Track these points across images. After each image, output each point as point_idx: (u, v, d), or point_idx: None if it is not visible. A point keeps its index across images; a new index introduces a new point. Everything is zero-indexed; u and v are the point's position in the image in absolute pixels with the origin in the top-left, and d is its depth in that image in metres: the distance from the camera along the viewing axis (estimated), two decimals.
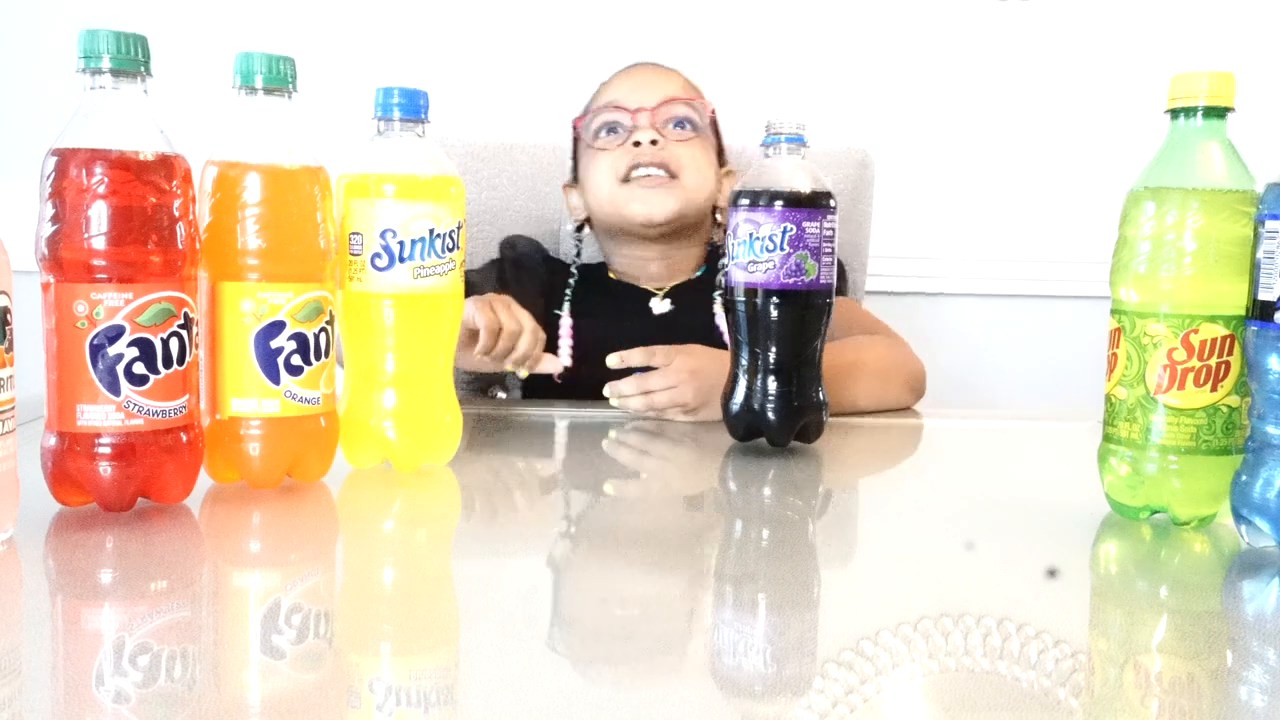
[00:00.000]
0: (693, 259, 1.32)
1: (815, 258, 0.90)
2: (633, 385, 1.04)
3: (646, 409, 1.04)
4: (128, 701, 0.44)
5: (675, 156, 1.24)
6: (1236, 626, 0.58)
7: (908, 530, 0.75)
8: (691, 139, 1.26)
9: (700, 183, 1.26)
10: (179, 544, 0.65)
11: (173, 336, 0.66)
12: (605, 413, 1.07)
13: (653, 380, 1.04)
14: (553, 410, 1.12)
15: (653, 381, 1.04)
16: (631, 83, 1.29)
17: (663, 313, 1.27)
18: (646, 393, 1.04)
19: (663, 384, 1.04)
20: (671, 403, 1.04)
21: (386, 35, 1.75)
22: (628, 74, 1.31)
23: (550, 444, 1.01)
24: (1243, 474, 0.66)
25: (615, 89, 1.29)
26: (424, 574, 0.66)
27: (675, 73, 1.31)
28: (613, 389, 1.05)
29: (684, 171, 1.25)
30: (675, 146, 1.25)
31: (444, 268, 0.79)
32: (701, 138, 1.28)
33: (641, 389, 1.04)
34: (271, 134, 0.73)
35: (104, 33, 0.65)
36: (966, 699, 0.47)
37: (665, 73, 1.31)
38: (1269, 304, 0.63)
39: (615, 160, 1.25)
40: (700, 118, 1.28)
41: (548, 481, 0.92)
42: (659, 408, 1.04)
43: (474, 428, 1.01)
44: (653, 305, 1.28)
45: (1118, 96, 1.77)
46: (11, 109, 1.71)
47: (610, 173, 1.25)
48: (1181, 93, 0.69)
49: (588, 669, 0.51)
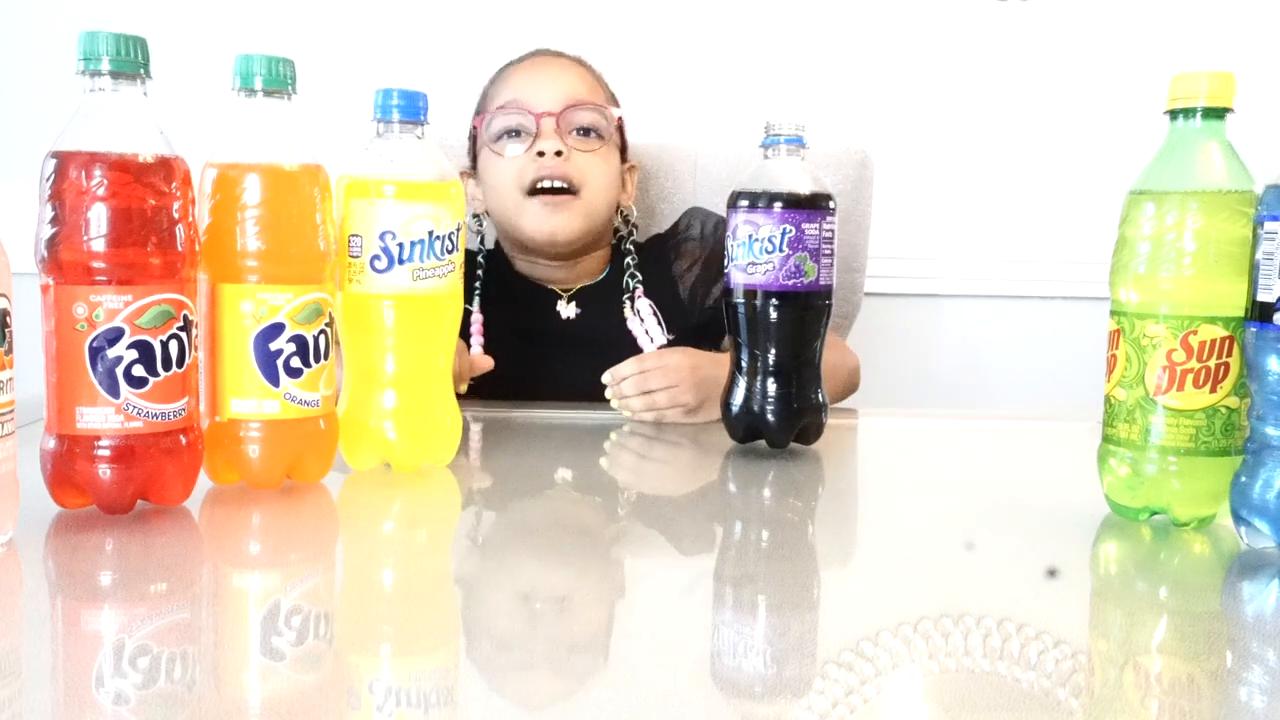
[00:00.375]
0: (598, 261, 1.30)
1: (815, 259, 0.90)
2: (633, 385, 1.05)
3: (647, 409, 1.04)
4: (128, 703, 0.44)
5: (579, 169, 1.21)
6: (1236, 627, 0.58)
7: (907, 531, 0.75)
8: (596, 148, 1.23)
9: (603, 195, 1.23)
10: (179, 546, 0.65)
11: (172, 339, 0.66)
12: (605, 414, 1.07)
13: (653, 379, 1.04)
14: (553, 412, 1.12)
15: (653, 380, 1.04)
16: (533, 79, 1.24)
17: (570, 316, 1.25)
18: (647, 393, 1.04)
19: (662, 383, 1.04)
20: (672, 402, 1.04)
21: (386, 36, 1.75)
22: (528, 67, 1.26)
23: (550, 445, 1.01)
24: (1242, 475, 0.66)
25: (516, 84, 1.24)
26: (424, 574, 0.66)
27: (577, 64, 1.27)
28: (614, 390, 1.05)
29: (587, 186, 1.21)
30: (579, 158, 1.21)
31: (443, 269, 0.79)
32: (606, 144, 1.24)
33: (641, 388, 1.04)
34: (271, 136, 0.73)
35: (104, 34, 0.65)
36: (966, 699, 0.47)
37: (567, 65, 1.27)
38: (1268, 305, 0.63)
39: (519, 170, 1.20)
40: (606, 122, 1.24)
41: (547, 483, 0.92)
42: (659, 408, 1.04)
43: (473, 428, 1.02)
44: (560, 309, 1.26)
45: (1118, 96, 1.77)
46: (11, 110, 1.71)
47: (513, 182, 1.21)
48: (1181, 93, 0.69)
49: (587, 669, 0.51)
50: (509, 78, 1.26)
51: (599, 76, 1.29)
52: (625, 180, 1.29)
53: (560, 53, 1.29)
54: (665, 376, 1.04)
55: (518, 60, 1.29)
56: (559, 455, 0.98)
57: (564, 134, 1.21)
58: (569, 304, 1.26)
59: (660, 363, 1.06)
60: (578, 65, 1.27)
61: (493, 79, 1.29)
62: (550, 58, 1.28)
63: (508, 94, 1.24)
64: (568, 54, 1.29)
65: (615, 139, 1.27)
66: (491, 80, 1.29)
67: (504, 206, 1.23)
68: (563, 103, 1.21)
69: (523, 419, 1.08)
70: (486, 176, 1.26)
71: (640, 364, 1.06)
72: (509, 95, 1.24)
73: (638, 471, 0.94)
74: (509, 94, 1.24)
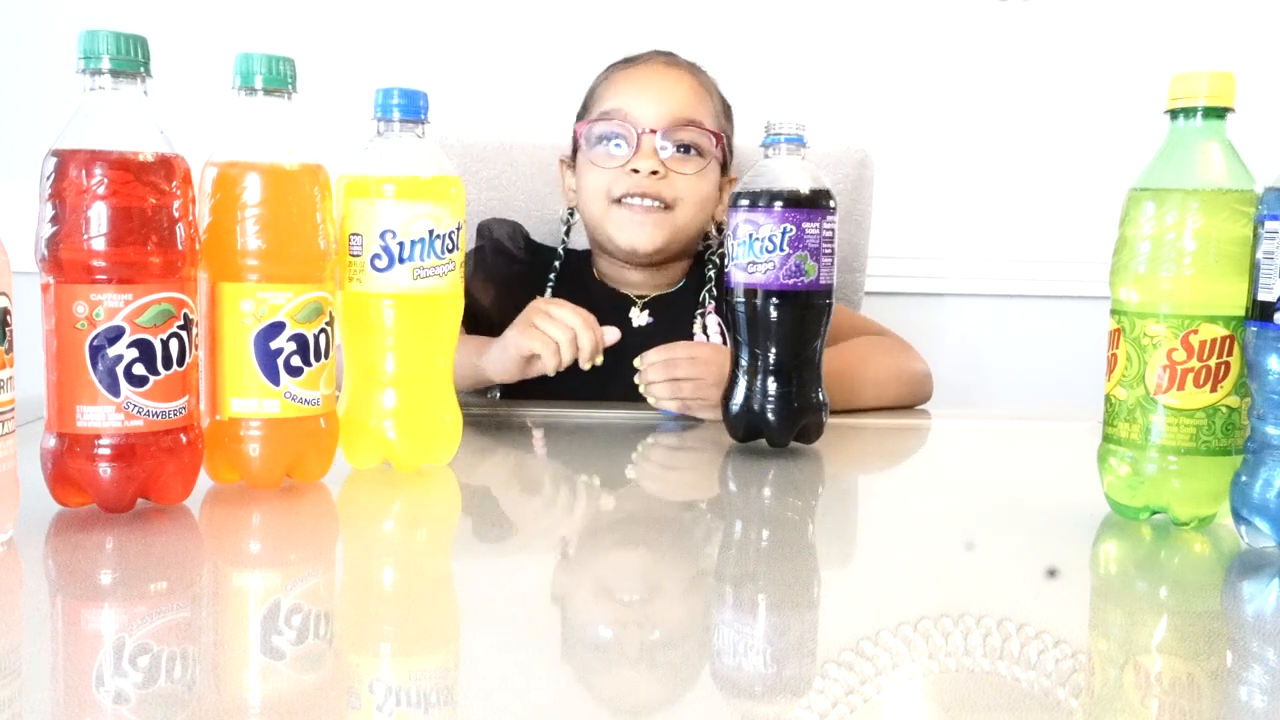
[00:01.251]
0: (678, 269, 1.29)
1: (815, 258, 0.90)
2: (659, 371, 1.04)
3: (671, 397, 1.04)
4: (127, 702, 0.44)
5: (674, 189, 1.19)
6: (1236, 626, 0.58)
7: (908, 530, 0.75)
8: (695, 169, 1.21)
9: (695, 214, 1.22)
10: (179, 545, 0.65)
11: (172, 337, 0.66)
12: (605, 413, 1.07)
13: (680, 368, 1.04)
14: (552, 411, 1.12)
15: (680, 369, 1.04)
16: (641, 89, 1.21)
17: (642, 325, 1.25)
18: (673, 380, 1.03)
19: (689, 373, 1.04)
20: (696, 394, 1.03)
21: (386, 35, 1.75)
22: (638, 75, 1.23)
23: (550, 444, 1.01)
24: (1242, 474, 0.66)
25: (622, 92, 1.22)
26: (424, 574, 0.66)
27: (689, 74, 1.24)
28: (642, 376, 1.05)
29: (680, 204, 1.20)
30: (676, 178, 1.19)
31: (444, 268, 0.79)
32: (706, 160, 1.22)
33: (667, 375, 1.04)
34: (271, 134, 0.73)
35: (104, 33, 0.65)
36: (966, 699, 0.47)
37: (679, 77, 1.23)
38: (1269, 304, 0.63)
39: (611, 181, 1.20)
40: (709, 141, 1.22)
41: (547, 482, 0.92)
42: (684, 397, 1.04)
43: (474, 428, 1.01)
44: (632, 316, 1.25)
45: (1118, 96, 1.77)
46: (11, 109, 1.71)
47: (604, 192, 1.21)
48: (1181, 93, 0.69)
49: (588, 669, 0.51)
50: (617, 82, 1.24)
51: (712, 87, 1.26)
52: (723, 192, 1.27)
53: (674, 59, 1.26)
54: (693, 368, 1.04)
55: (629, 62, 1.25)
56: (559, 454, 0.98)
57: (664, 152, 1.19)
58: (642, 312, 1.25)
59: (690, 353, 1.05)
60: (690, 76, 1.24)
61: (602, 77, 1.26)
62: (662, 67, 1.24)
63: (612, 99, 1.22)
64: (682, 61, 1.26)
65: (717, 154, 1.24)
66: (601, 79, 1.26)
67: (592, 211, 1.23)
68: (667, 120, 1.19)
69: (523, 418, 1.08)
70: (581, 176, 1.25)
71: (670, 351, 1.05)
72: (614, 102, 1.21)
73: (638, 470, 0.94)
74: (614, 100, 1.21)
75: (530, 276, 1.26)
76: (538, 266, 1.28)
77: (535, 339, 1.02)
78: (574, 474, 0.94)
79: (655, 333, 1.23)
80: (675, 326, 1.23)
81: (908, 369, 1.21)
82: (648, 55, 1.26)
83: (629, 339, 1.07)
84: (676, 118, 1.19)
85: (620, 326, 1.11)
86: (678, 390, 1.04)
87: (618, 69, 1.26)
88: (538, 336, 1.02)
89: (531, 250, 1.30)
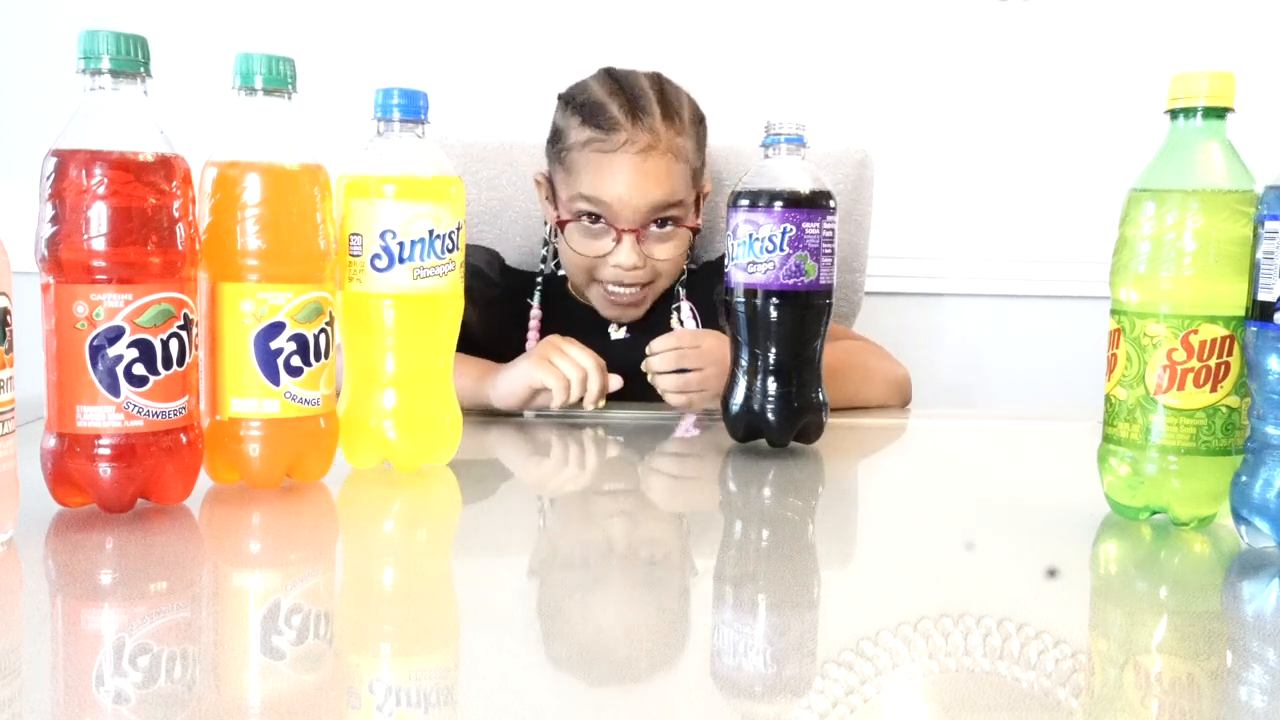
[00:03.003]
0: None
1: (815, 258, 0.90)
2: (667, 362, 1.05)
3: (679, 390, 1.05)
4: (127, 702, 0.44)
5: (654, 269, 1.21)
6: (1236, 626, 0.58)
7: (908, 530, 0.75)
8: (675, 240, 1.21)
9: (675, 270, 1.24)
10: (179, 545, 0.65)
11: (172, 337, 0.66)
12: (604, 413, 1.07)
13: (688, 359, 1.05)
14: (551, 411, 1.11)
15: (688, 360, 1.05)
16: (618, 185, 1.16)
17: (620, 339, 1.26)
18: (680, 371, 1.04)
19: (696, 364, 1.04)
20: (702, 385, 1.04)
21: (386, 35, 1.75)
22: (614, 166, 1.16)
23: (550, 444, 1.01)
24: (1242, 474, 0.66)
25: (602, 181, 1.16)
26: (424, 574, 0.66)
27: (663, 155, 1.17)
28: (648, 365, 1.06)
29: (660, 278, 1.23)
30: (656, 250, 1.20)
31: (444, 268, 0.79)
32: (684, 226, 1.22)
33: (675, 365, 1.05)
34: (271, 134, 0.73)
35: (104, 33, 0.65)
36: (966, 699, 0.47)
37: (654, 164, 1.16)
38: (1269, 304, 0.63)
39: (592, 264, 1.21)
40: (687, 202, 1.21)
41: (547, 482, 0.92)
42: (689, 390, 1.05)
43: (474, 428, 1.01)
44: (610, 331, 1.27)
45: (1118, 96, 1.77)
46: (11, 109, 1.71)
47: (585, 269, 1.22)
48: (1181, 93, 0.69)
49: (587, 669, 0.50)
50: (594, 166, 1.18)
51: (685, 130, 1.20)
52: (699, 202, 1.27)
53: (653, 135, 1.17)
54: (699, 358, 1.05)
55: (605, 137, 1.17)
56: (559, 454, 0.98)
57: (643, 237, 1.19)
58: (620, 329, 1.27)
59: (695, 343, 1.06)
60: (667, 158, 1.18)
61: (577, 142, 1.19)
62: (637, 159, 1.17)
63: (591, 184, 1.18)
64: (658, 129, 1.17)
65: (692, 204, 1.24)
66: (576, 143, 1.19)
67: (573, 274, 1.25)
68: (645, 215, 1.18)
69: (522, 418, 1.08)
70: (561, 236, 1.23)
71: (678, 340, 1.06)
72: (592, 188, 1.18)
73: (638, 470, 0.94)
74: (593, 186, 1.18)
75: (507, 299, 1.27)
76: (515, 290, 1.29)
77: (550, 374, 1.03)
78: (574, 473, 0.94)
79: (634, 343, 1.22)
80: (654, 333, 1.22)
81: (892, 371, 1.23)
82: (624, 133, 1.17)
83: (609, 352, 1.07)
84: (656, 207, 1.18)
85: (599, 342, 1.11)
86: (685, 384, 1.04)
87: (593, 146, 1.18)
88: (552, 372, 1.03)
89: (507, 276, 1.30)
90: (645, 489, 0.89)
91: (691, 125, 1.23)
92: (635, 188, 1.17)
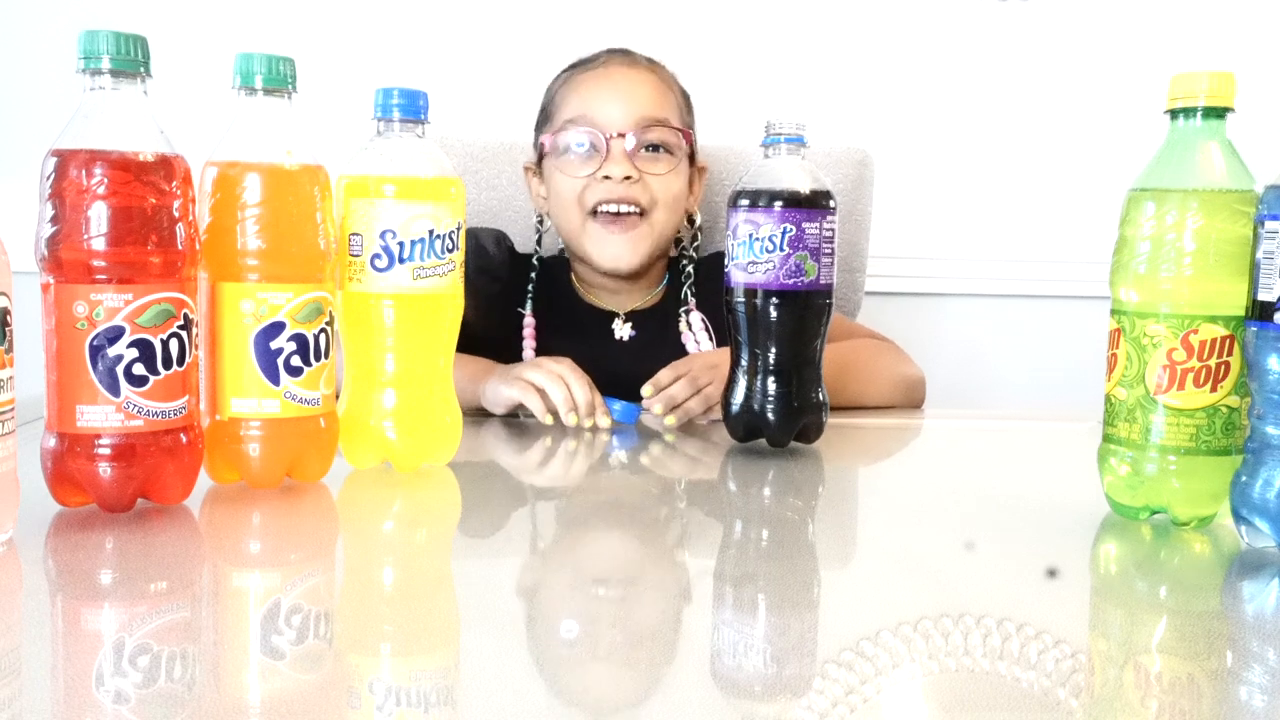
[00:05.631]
0: (655, 274, 1.28)
1: (815, 258, 0.90)
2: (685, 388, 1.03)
3: (683, 418, 1.03)
4: (127, 702, 0.44)
5: (648, 192, 1.18)
6: (1236, 626, 0.58)
7: (908, 530, 0.75)
8: (667, 168, 1.19)
9: (671, 215, 1.21)
10: (179, 544, 0.65)
11: (172, 337, 0.66)
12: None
13: (679, 389, 1.02)
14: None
15: (678, 390, 1.02)
16: (604, 92, 1.19)
17: (625, 338, 1.24)
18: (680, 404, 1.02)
19: (688, 391, 1.03)
20: (705, 403, 1.03)
21: (386, 35, 1.75)
22: (599, 78, 1.20)
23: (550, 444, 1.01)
24: (1242, 474, 0.66)
25: (585, 96, 1.19)
26: (424, 574, 0.66)
27: (650, 72, 1.22)
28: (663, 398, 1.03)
29: (656, 208, 1.19)
30: (650, 180, 1.18)
31: (444, 268, 0.79)
32: (677, 158, 1.21)
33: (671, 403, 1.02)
34: (271, 134, 0.73)
35: (104, 33, 0.65)
36: (966, 699, 0.47)
37: (641, 76, 1.21)
38: (1269, 304, 0.63)
39: (584, 189, 1.18)
40: (677, 138, 1.20)
41: (547, 482, 0.92)
42: (694, 413, 1.03)
43: (474, 428, 1.01)
44: (615, 328, 1.24)
45: (1118, 96, 1.77)
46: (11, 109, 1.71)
47: (576, 201, 1.19)
48: (1181, 93, 0.69)
49: (587, 669, 0.51)
50: (578, 86, 1.21)
51: (671, 81, 1.24)
52: (694, 183, 1.26)
53: (633, 57, 1.22)
54: (712, 373, 1.03)
55: (587, 64, 1.22)
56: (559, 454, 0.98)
57: (634, 154, 1.17)
58: (625, 324, 1.24)
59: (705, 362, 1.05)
60: (650, 74, 1.22)
61: (560, 81, 1.24)
62: (623, 66, 1.21)
63: (576, 106, 1.19)
64: (639, 58, 1.23)
65: (685, 149, 1.23)
66: (559, 82, 1.24)
67: (568, 223, 1.21)
68: (634, 122, 1.17)
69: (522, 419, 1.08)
70: (551, 184, 1.22)
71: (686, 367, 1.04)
72: (578, 108, 1.19)
73: (638, 470, 0.94)
74: (578, 106, 1.19)
75: (511, 293, 1.24)
76: (518, 281, 1.26)
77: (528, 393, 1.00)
78: (574, 474, 0.94)
79: (640, 345, 1.23)
80: (660, 336, 1.23)
81: (905, 373, 1.22)
82: (604, 56, 1.23)
83: (613, 353, 1.05)
84: (644, 118, 1.18)
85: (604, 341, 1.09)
86: (687, 410, 1.03)
87: (576, 72, 1.23)
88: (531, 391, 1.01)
89: (514, 261, 1.28)
90: (646, 488, 0.89)
91: (676, 84, 1.24)
92: (619, 89, 1.18)
